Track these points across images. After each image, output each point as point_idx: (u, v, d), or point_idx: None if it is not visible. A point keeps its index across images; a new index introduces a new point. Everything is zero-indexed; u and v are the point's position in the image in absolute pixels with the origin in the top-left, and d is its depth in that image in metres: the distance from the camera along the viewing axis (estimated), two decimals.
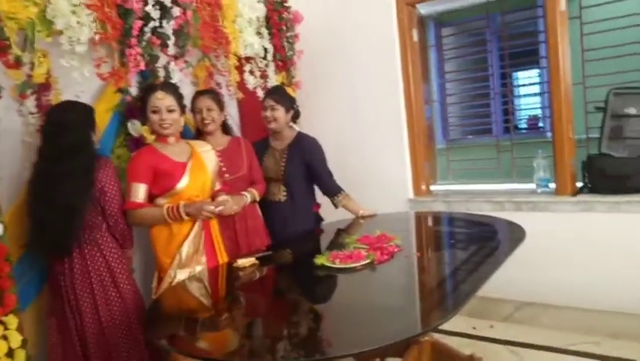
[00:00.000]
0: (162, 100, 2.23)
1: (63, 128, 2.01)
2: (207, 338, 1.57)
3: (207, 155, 2.39)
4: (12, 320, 1.92)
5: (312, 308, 1.77)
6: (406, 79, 3.38)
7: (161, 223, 2.21)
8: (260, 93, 3.16)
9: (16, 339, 1.93)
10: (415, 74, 3.40)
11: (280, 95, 2.80)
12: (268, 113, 2.75)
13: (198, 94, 2.66)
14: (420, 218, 3.01)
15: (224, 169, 2.59)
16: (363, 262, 1.93)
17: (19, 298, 2.01)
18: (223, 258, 2.37)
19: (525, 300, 3.09)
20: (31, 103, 2.21)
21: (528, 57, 4.10)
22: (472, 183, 3.61)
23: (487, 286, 1.64)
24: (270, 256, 2.31)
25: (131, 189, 2.17)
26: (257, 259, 2.16)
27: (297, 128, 2.94)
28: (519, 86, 5.32)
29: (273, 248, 2.49)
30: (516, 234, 2.20)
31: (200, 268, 2.25)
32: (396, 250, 2.09)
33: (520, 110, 5.39)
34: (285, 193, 2.77)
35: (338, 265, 1.93)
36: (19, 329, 1.95)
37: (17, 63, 1.93)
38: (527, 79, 5.57)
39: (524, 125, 5.60)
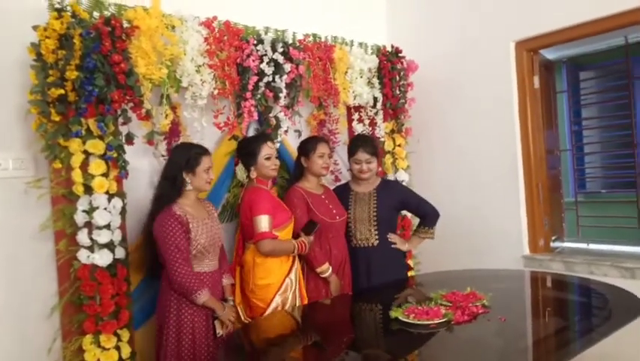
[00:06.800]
0: (273, 149, 2.54)
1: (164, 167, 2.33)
2: None
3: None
4: (125, 334, 2.23)
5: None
6: (523, 127, 3.19)
7: (288, 253, 2.46)
8: None
9: (126, 350, 2.23)
10: (534, 122, 3.20)
11: (373, 147, 2.79)
12: (364, 167, 2.74)
13: (320, 140, 2.75)
14: (532, 278, 2.77)
15: (334, 211, 2.69)
16: (439, 321, 1.86)
17: (135, 317, 2.33)
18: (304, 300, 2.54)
19: None
20: (162, 147, 2.60)
21: None
22: (603, 244, 3.19)
23: None
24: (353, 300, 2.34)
25: (263, 221, 2.38)
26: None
27: None
28: None
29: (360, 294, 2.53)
30: (631, 307, 1.92)
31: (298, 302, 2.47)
32: (480, 311, 1.97)
33: None
34: (377, 237, 2.74)
35: (412, 320, 1.89)
36: (130, 342, 2.26)
37: (147, 116, 2.30)
38: None
39: None
